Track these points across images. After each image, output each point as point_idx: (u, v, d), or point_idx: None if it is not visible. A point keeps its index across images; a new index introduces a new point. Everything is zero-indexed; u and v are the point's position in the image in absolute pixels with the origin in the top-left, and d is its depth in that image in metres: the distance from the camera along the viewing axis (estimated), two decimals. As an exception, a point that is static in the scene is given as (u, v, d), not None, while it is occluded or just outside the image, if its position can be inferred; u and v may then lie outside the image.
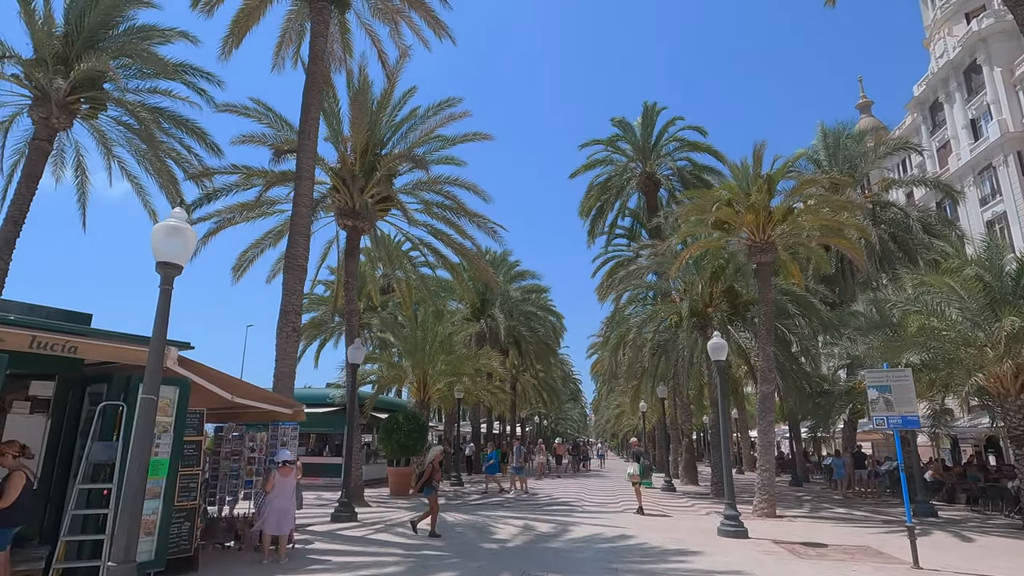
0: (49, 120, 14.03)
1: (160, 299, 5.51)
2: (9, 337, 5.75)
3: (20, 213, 13.52)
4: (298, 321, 11.95)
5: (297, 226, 12.14)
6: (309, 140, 12.46)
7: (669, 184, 26.22)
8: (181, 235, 5.64)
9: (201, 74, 15.12)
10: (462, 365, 20.57)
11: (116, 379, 6.82)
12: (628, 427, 37.85)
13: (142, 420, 5.24)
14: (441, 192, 16.75)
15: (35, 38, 13.86)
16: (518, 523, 11.88)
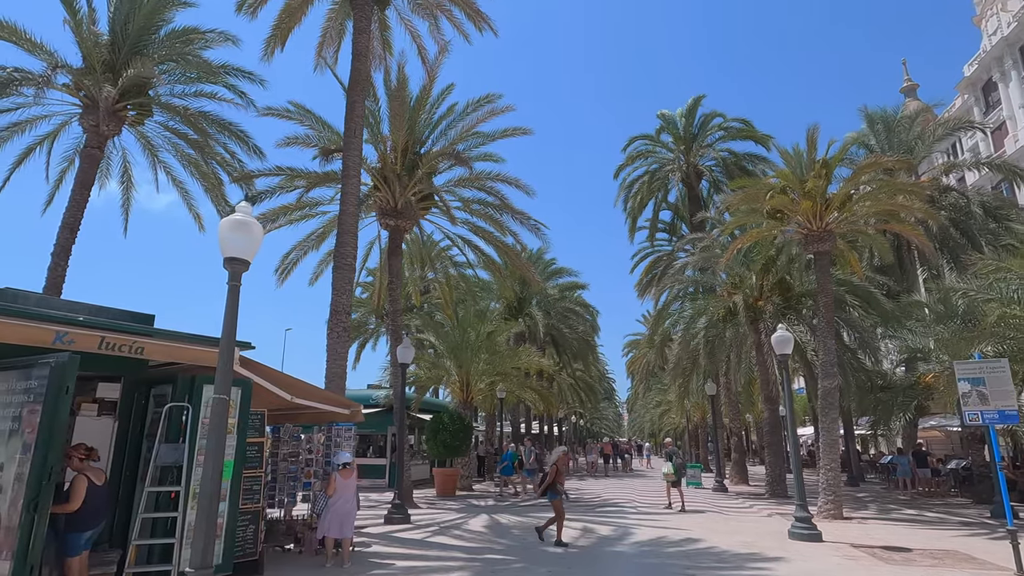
0: (99, 127, 14.23)
1: (229, 297, 5.33)
2: (80, 338, 5.67)
3: (75, 220, 13.75)
4: (348, 321, 11.83)
5: (345, 224, 12.01)
6: (355, 138, 12.33)
7: (712, 175, 25.49)
8: (247, 229, 5.45)
9: (243, 75, 15.17)
10: (505, 364, 20.28)
11: (181, 380, 6.71)
12: (670, 426, 37.07)
13: (215, 421, 5.06)
14: (484, 188, 16.50)
15: (83, 47, 14.07)
16: (576, 525, 11.51)
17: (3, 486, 5.14)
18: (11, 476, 5.09)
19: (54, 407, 5.13)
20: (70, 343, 5.59)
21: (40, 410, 5.13)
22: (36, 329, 5.39)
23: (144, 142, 16.61)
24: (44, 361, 5.30)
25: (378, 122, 17.30)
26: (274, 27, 14.25)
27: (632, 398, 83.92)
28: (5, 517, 5.01)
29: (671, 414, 34.64)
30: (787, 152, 15.80)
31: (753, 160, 24.97)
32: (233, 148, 15.56)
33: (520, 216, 16.37)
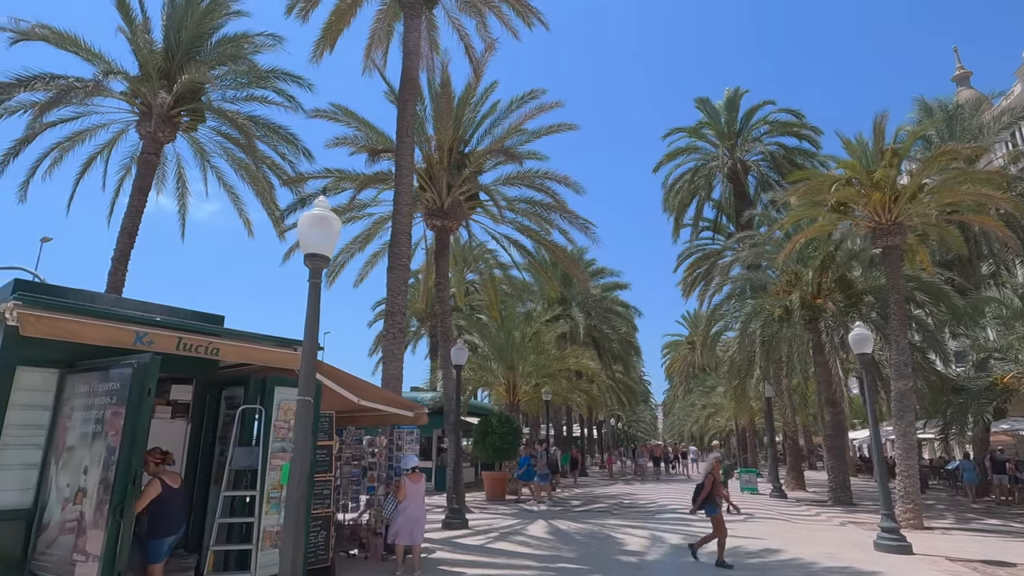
0: (155, 134, 14.42)
1: (311, 294, 5.13)
2: (158, 339, 5.55)
3: (133, 225, 13.96)
4: (404, 322, 11.64)
5: (399, 225, 11.85)
6: (407, 137, 12.17)
7: (759, 171, 24.65)
8: (327, 224, 5.25)
9: (292, 79, 15.22)
10: (552, 365, 19.91)
11: (253, 382, 6.56)
12: (716, 428, 36.05)
13: (300, 424, 4.85)
14: (533, 186, 16.19)
15: (139, 55, 14.30)
16: (641, 533, 11.06)
17: (88, 489, 5.03)
18: (96, 479, 4.98)
19: (137, 409, 5.00)
20: (149, 343, 5.47)
21: (123, 412, 5.02)
22: (118, 329, 5.28)
23: (196, 148, 16.86)
24: (126, 362, 5.18)
25: (423, 121, 17.18)
26: (324, 29, 14.25)
27: (669, 400, 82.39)
28: (90, 520, 4.90)
29: (717, 417, 33.66)
30: (850, 142, 15.01)
31: (804, 155, 24.06)
32: (283, 151, 15.63)
33: (569, 215, 15.99)
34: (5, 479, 5.25)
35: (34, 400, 5.53)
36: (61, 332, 4.96)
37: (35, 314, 4.85)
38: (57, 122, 14.22)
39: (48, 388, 5.63)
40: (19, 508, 5.32)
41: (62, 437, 5.44)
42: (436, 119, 16.60)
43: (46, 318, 4.90)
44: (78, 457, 5.22)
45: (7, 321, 4.78)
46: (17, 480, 5.35)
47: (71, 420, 5.44)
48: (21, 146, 14.26)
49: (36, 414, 5.53)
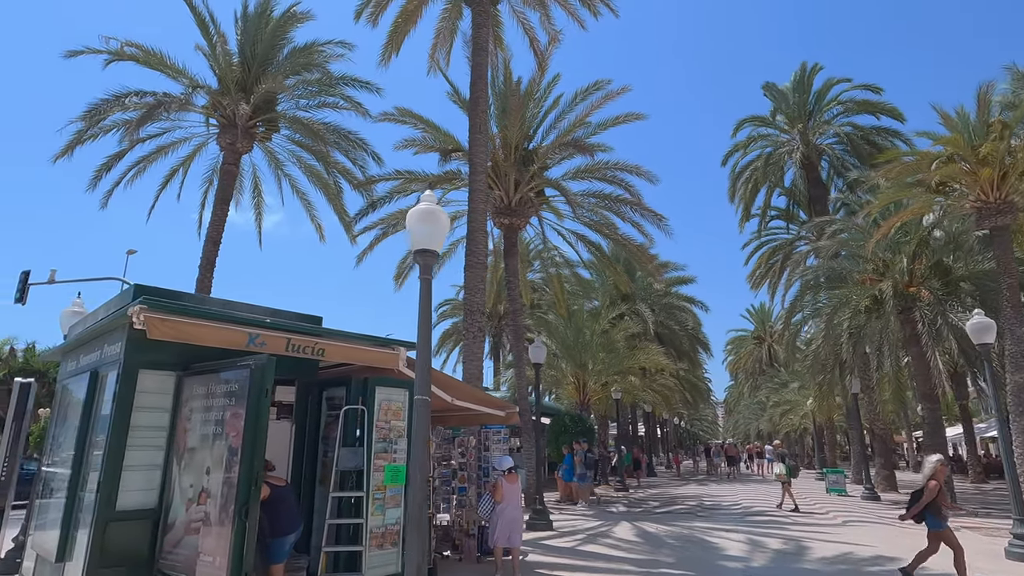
0: (235, 145, 14.94)
1: (422, 291, 5.01)
2: (270, 340, 5.58)
3: (217, 233, 14.49)
4: (483, 320, 11.55)
5: (476, 222, 11.76)
6: (480, 133, 12.07)
7: (834, 154, 23.28)
8: (434, 218, 5.13)
9: (360, 84, 15.45)
10: (623, 363, 19.43)
11: (354, 382, 6.54)
12: (789, 427, 34.45)
13: (418, 425, 4.74)
14: (605, 178, 15.82)
15: (219, 69, 14.83)
16: (736, 537, 10.53)
17: (211, 489, 5.09)
18: (219, 480, 5.03)
19: (256, 410, 5.02)
20: (261, 345, 5.51)
21: (243, 413, 5.05)
22: (233, 331, 5.33)
23: (270, 157, 17.37)
24: (242, 364, 5.22)
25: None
26: (390, 32, 14.36)
27: (732, 398, 79.68)
28: (216, 521, 4.95)
29: (791, 415, 32.16)
30: (949, 116, 13.87)
31: (884, 134, 22.56)
32: (353, 156, 15.88)
33: (641, 208, 15.51)
34: (131, 480, 5.39)
35: (154, 402, 5.66)
36: (182, 334, 5.04)
37: (160, 317, 4.94)
38: (146, 138, 14.92)
39: (166, 391, 5.76)
40: (144, 508, 5.45)
41: (182, 438, 5.55)
42: (500, 116, 16.52)
43: (170, 321, 4.99)
44: (200, 458, 5.30)
45: (134, 325, 4.88)
46: (142, 481, 5.49)
47: (190, 422, 5.54)
48: (114, 161, 15.06)
49: (157, 416, 5.67)
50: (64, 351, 7.43)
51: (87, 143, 13.82)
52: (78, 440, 5.83)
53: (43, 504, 6.58)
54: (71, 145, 13.55)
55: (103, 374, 5.96)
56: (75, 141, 13.40)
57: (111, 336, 5.88)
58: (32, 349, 40.75)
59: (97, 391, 5.94)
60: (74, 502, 5.66)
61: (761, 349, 50.30)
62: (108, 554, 5.15)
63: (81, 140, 13.44)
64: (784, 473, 14.99)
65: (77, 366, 6.81)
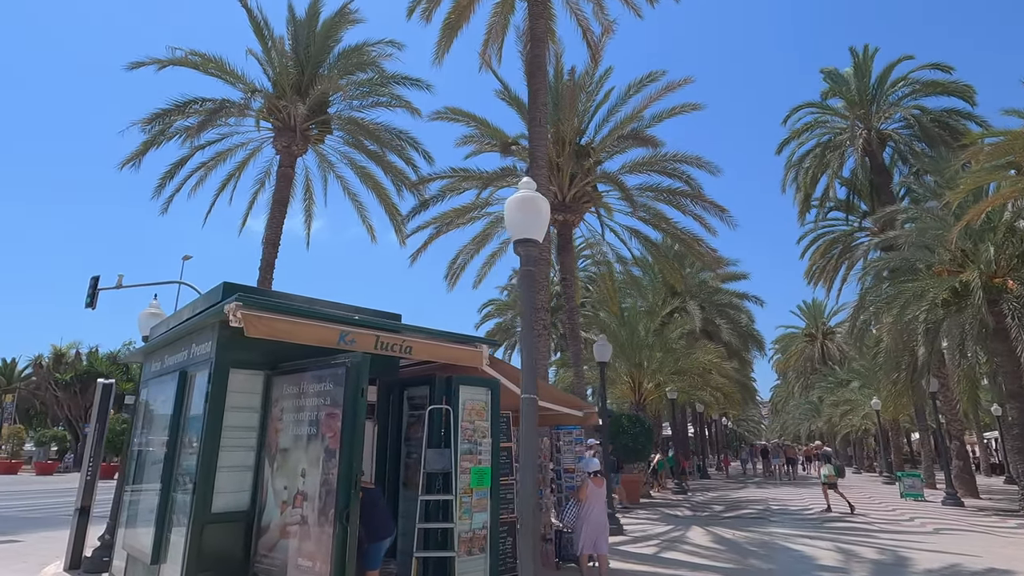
0: (291, 148, 15.05)
1: (524, 282, 4.73)
2: (360, 338, 5.40)
3: (275, 235, 14.61)
4: (548, 318, 11.24)
5: (537, 218, 11.45)
6: (540, 126, 11.77)
7: (900, 140, 22.09)
8: (535, 206, 4.84)
9: (411, 83, 15.38)
10: (679, 362, 18.83)
11: (438, 381, 6.31)
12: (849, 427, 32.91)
13: (526, 425, 4.46)
14: (665, 171, 15.31)
15: (274, 72, 14.96)
16: (823, 544, 9.93)
17: (308, 492, 4.92)
18: (316, 482, 4.86)
19: (354, 410, 4.82)
20: (352, 343, 5.33)
21: (339, 414, 4.87)
22: (325, 329, 5.17)
23: (320, 159, 17.49)
24: (336, 362, 5.04)
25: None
26: (443, 29, 14.17)
27: (778, 398, 77.12)
28: (314, 526, 4.78)
29: (851, 415, 30.73)
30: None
31: (956, 116, 21.28)
32: (406, 156, 15.81)
33: (703, 200, 14.94)
34: (224, 481, 5.28)
35: (244, 402, 5.55)
36: (277, 332, 4.90)
37: (256, 315, 4.80)
38: (204, 144, 15.17)
39: (255, 390, 5.64)
40: (237, 510, 5.34)
41: (273, 439, 5.41)
42: (552, 110, 16.21)
43: (266, 318, 4.85)
44: (294, 459, 5.15)
45: (230, 322, 4.75)
46: (234, 482, 5.37)
47: (281, 422, 5.40)
48: (176, 168, 15.37)
49: (247, 416, 5.56)
50: (147, 352, 7.46)
51: (151, 150, 14.10)
52: (169, 441, 5.77)
53: (132, 505, 6.58)
54: (138, 153, 13.86)
55: (191, 374, 5.90)
56: (141, 150, 13.69)
57: (200, 335, 5.80)
58: (95, 353, 42.59)
59: (186, 391, 5.89)
60: (167, 503, 5.60)
61: (813, 347, 48.51)
62: (205, 557, 5.05)
63: (147, 148, 13.72)
64: (833, 474, 15.30)
65: (162, 366, 6.80)
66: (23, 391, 43.14)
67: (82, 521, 8.11)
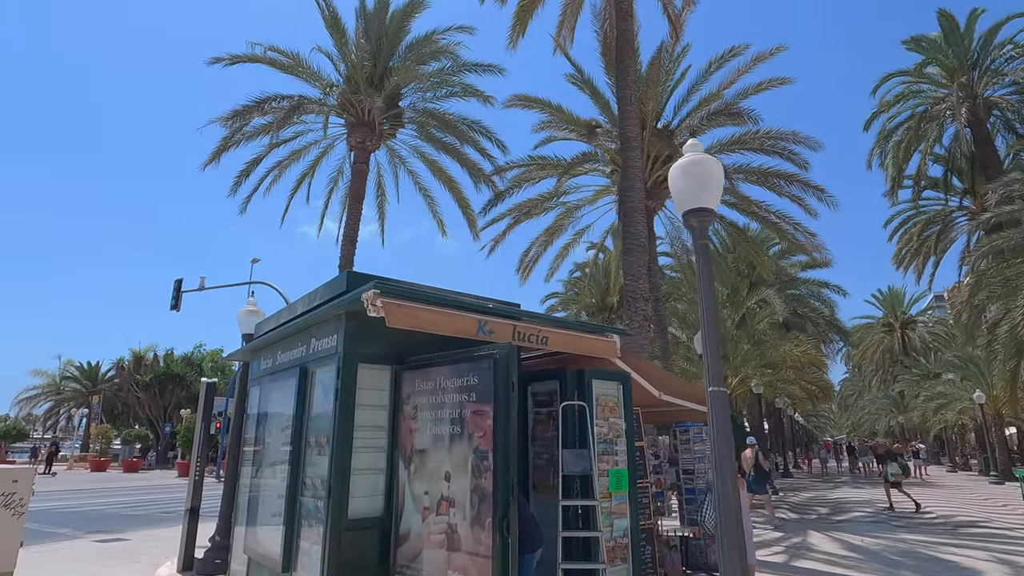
0: (365, 143, 14.87)
1: (700, 257, 4.10)
2: (498, 328, 4.90)
3: (353, 232, 14.44)
4: (648, 308, 10.55)
5: (631, 202, 10.78)
6: (630, 105, 11.08)
7: (1007, 107, 20.11)
8: (704, 168, 4.20)
9: (483, 69, 14.93)
10: (767, 355, 17.71)
11: (570, 375, 5.75)
12: (942, 423, 30.53)
13: (718, 420, 3.84)
14: (763, 149, 14.30)
15: (348, 68, 14.80)
16: (975, 555, 8.85)
17: (455, 498, 4.46)
18: (465, 487, 4.39)
19: (506, 407, 4.33)
20: (490, 333, 4.83)
21: (488, 411, 4.38)
22: (465, 318, 4.69)
23: (391, 154, 17.30)
24: (481, 354, 4.56)
25: (607, 103, 16.07)
26: (517, 13, 13.66)
27: (853, 391, 73.15)
28: (466, 536, 4.31)
29: (946, 410, 28.44)
30: None
31: (1074, 77, 19.17)
32: (481, 146, 15.39)
33: (802, 181, 13.84)
34: (357, 485, 4.88)
35: (373, 400, 5.16)
36: (417, 321, 4.44)
37: (396, 303, 4.36)
38: (280, 142, 15.19)
39: (383, 386, 5.24)
40: (371, 516, 4.95)
41: (408, 439, 4.99)
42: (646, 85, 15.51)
43: (406, 307, 4.40)
44: (435, 461, 4.70)
45: (369, 312, 4.32)
46: (367, 486, 4.98)
47: (416, 421, 4.97)
48: (252, 166, 15.46)
49: (376, 414, 5.16)
50: (254, 349, 7.23)
51: (232, 149, 14.19)
52: (293, 442, 5.45)
53: (251, 507, 6.33)
54: (218, 151, 13.96)
55: (312, 370, 5.56)
56: (221, 146, 13.78)
57: (322, 329, 5.45)
58: (171, 355, 44.54)
59: (307, 389, 5.55)
60: (294, 508, 5.27)
61: (892, 337, 45.57)
62: (343, 566, 4.67)
63: (226, 144, 13.79)
64: (900, 473, 15.06)
65: (274, 363, 6.52)
66: (107, 392, 45.55)
67: (192, 522, 8.01)
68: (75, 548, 9.42)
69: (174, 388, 40.15)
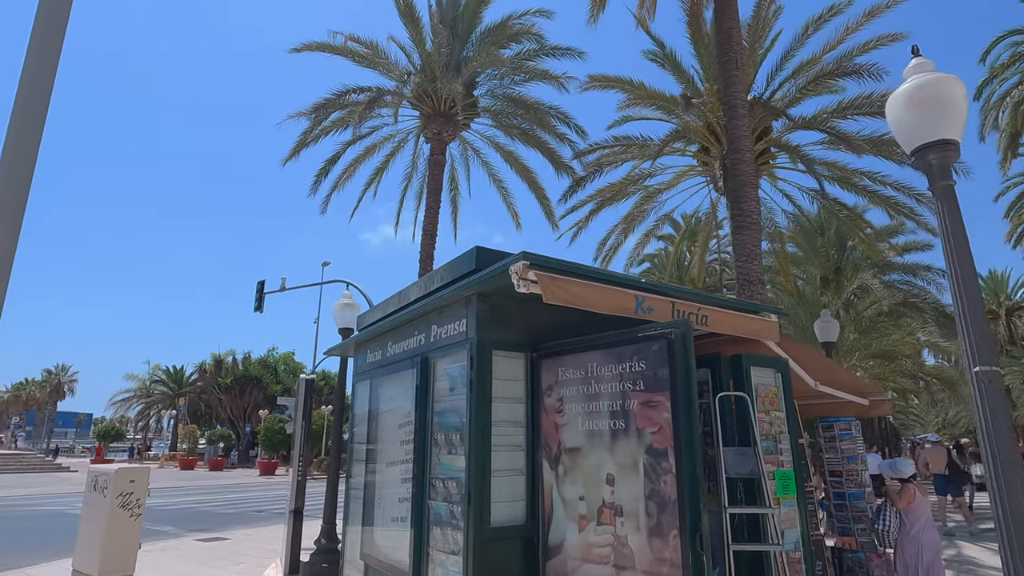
0: (441, 134, 14.47)
1: (943, 205, 3.24)
2: (656, 305, 4.20)
3: (432, 226, 14.08)
4: (763, 291, 9.56)
5: (742, 175, 9.81)
6: (736, 69, 10.11)
7: None
8: (938, 90, 3.33)
9: (561, 52, 14.25)
10: (873, 345, 16.14)
11: (724, 361, 4.96)
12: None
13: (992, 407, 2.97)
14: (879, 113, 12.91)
15: (424, 56, 14.44)
16: None
17: (623, 505, 3.78)
18: (637, 492, 3.70)
19: (688, 397, 3.61)
20: (649, 311, 4.13)
21: (665, 402, 3.69)
22: (622, 294, 4.01)
23: (464, 146, 16.86)
24: (647, 334, 3.85)
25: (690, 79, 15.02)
26: (597, -16, 12.86)
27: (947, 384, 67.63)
28: (643, 551, 3.61)
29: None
30: None
31: None
32: (558, 133, 14.70)
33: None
34: (496, 489, 4.28)
35: (507, 391, 4.54)
36: (573, 297, 3.79)
37: (551, 276, 3.73)
38: (357, 138, 15.02)
39: (517, 376, 4.62)
40: (513, 524, 4.33)
41: (553, 435, 4.35)
42: (708, 67, 14.42)
43: (561, 280, 3.76)
44: (591, 461, 4.03)
45: (519, 287, 3.70)
46: (506, 490, 4.37)
47: (563, 415, 4.32)
48: (330, 165, 15.37)
49: (511, 408, 4.55)
50: (359, 343, 6.81)
51: (311, 145, 14.11)
52: (417, 440, 4.93)
53: (366, 510, 5.89)
54: (297, 147, 13.91)
55: (433, 360, 5.02)
56: (301, 140, 13.72)
57: (445, 314, 4.89)
58: (249, 358, 46.28)
59: (430, 381, 5.01)
60: (422, 513, 4.74)
61: (996, 325, 41.59)
62: (487, 580, 4.09)
63: (306, 138, 13.71)
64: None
65: (384, 356, 6.05)
66: (191, 395, 47.87)
67: (297, 524, 7.71)
68: (181, 547, 9.39)
69: (252, 390, 41.58)
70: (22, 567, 7.84)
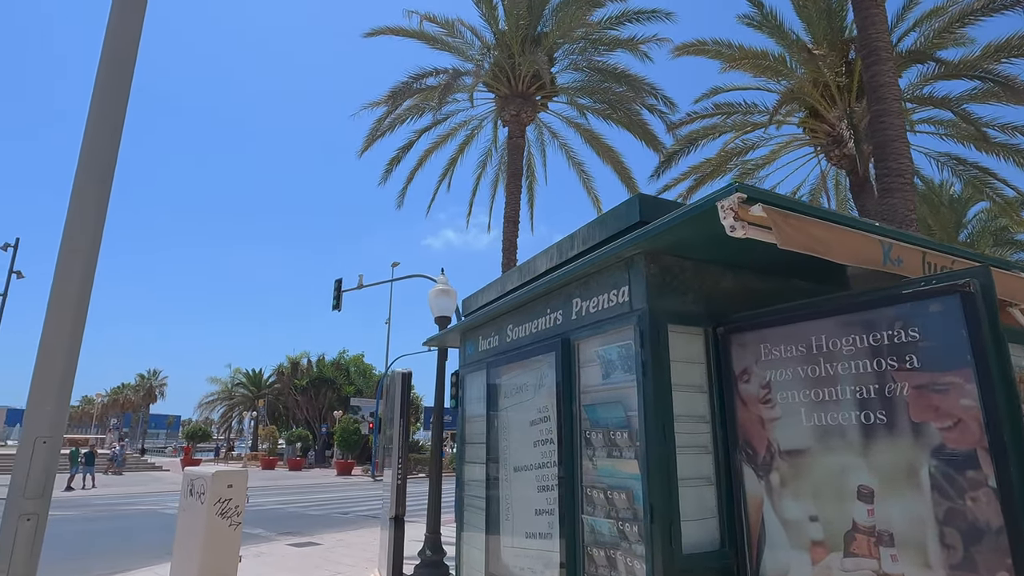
0: (519, 116, 13.66)
1: None
2: (907, 256, 3.10)
3: (514, 212, 13.28)
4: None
5: (890, 128, 8.25)
6: (876, 7, 8.64)
7: None
8: None
9: (647, 16, 13.08)
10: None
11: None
12: None
13: None
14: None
15: (498, 35, 13.67)
16: None
17: (890, 532, 2.69)
18: (918, 514, 2.60)
19: (1003, 376, 2.53)
20: (898, 262, 3.03)
21: (961, 384, 2.60)
22: (867, 240, 2.93)
23: (540, 130, 15.97)
24: (922, 289, 2.77)
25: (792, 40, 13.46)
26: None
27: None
28: None
29: None
30: None
31: None
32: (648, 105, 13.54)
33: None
34: (684, 503, 3.28)
35: (685, 377, 3.54)
36: (811, 241, 2.73)
37: (783, 214, 2.70)
38: (433, 124, 14.43)
39: (696, 359, 3.61)
40: (708, 550, 3.33)
41: (758, 433, 3.30)
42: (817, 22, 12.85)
43: (793, 218, 2.72)
44: (828, 468, 2.96)
45: (732, 231, 2.69)
46: (695, 504, 3.37)
47: (771, 406, 3.26)
48: (403, 152, 14.85)
49: (690, 399, 3.53)
50: (468, 328, 5.99)
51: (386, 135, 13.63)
52: (559, 439, 4.01)
53: (490, 522, 5.03)
54: (372, 137, 13.46)
55: (576, 342, 4.08)
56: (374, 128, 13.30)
57: (591, 285, 3.93)
58: (323, 360, 47.31)
59: (574, 367, 4.08)
60: (575, 531, 3.81)
61: None
62: (680, 625, 3.11)
63: (379, 126, 13.25)
64: None
65: (502, 342, 5.17)
66: (270, 397, 49.47)
67: (399, 533, 6.98)
68: (275, 552, 8.94)
69: (326, 391, 42.36)
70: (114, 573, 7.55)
